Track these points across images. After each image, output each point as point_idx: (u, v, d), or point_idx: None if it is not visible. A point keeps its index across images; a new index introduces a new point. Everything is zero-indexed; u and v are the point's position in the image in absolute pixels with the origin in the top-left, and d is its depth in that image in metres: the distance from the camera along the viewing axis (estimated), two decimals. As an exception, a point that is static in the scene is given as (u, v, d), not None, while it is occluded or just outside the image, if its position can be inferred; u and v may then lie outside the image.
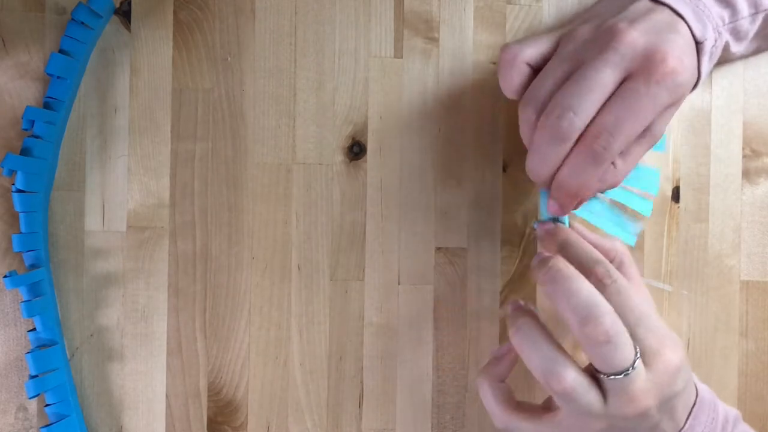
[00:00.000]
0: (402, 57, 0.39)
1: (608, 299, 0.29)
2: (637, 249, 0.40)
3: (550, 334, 0.30)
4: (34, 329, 0.36)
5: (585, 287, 0.29)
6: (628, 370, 0.28)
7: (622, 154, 0.31)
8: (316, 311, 0.39)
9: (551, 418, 0.31)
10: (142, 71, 0.38)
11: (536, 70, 0.32)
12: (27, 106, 0.35)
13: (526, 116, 0.31)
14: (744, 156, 0.40)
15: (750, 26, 0.35)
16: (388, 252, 0.39)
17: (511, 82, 0.32)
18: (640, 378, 0.29)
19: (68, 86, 0.36)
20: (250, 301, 0.39)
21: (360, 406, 0.39)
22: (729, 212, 0.40)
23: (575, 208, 0.33)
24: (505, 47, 0.32)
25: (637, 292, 0.32)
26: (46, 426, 0.36)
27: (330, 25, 0.39)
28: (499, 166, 0.39)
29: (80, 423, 0.37)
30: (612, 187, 0.32)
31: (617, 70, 0.29)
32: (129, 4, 0.38)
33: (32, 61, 0.37)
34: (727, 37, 0.34)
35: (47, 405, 0.36)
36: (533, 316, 0.31)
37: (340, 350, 0.39)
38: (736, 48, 0.36)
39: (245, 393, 0.38)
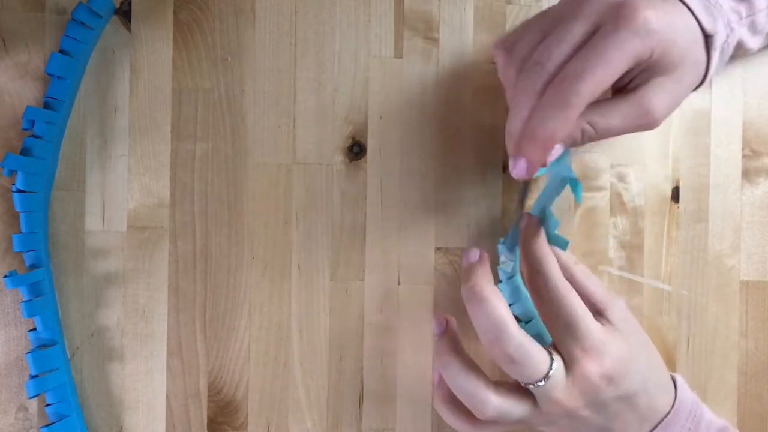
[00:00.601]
0: (402, 57, 0.39)
1: (540, 307, 0.32)
2: (636, 249, 0.40)
3: (469, 362, 0.33)
4: (34, 329, 0.36)
5: (496, 310, 0.31)
6: (540, 381, 0.31)
7: (599, 111, 0.31)
8: (316, 311, 0.39)
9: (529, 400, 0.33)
10: (142, 71, 0.38)
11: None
12: (27, 106, 0.35)
13: (507, 76, 0.32)
14: (744, 156, 0.40)
15: (766, 20, 0.34)
16: (388, 252, 0.39)
17: (504, 62, 0.32)
18: (559, 385, 0.31)
19: (68, 86, 0.36)
20: (250, 301, 0.39)
21: (360, 406, 0.39)
22: (729, 212, 0.40)
23: (543, 165, 0.31)
24: (494, 43, 0.33)
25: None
26: (47, 426, 0.36)
27: (330, 25, 0.39)
28: (499, 166, 0.39)
29: (80, 423, 0.37)
30: (582, 143, 0.32)
31: (587, 22, 0.29)
32: (129, 4, 0.38)
33: (32, 61, 0.37)
34: (742, 32, 0.34)
35: (47, 405, 0.36)
36: (454, 346, 0.33)
37: (340, 350, 0.39)
38: (753, 43, 0.35)
39: (245, 393, 0.38)
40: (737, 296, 0.40)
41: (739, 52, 0.35)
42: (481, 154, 0.39)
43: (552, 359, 0.31)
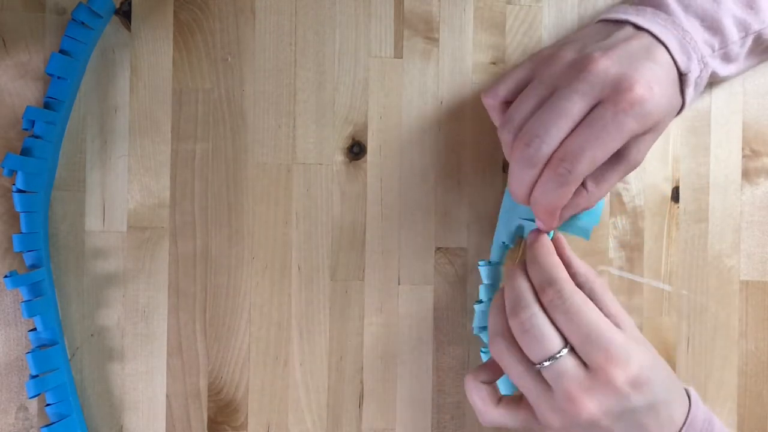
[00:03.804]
0: (402, 57, 0.39)
1: (555, 318, 0.31)
2: (636, 249, 0.40)
3: (481, 373, 0.34)
4: (34, 329, 0.36)
5: (518, 285, 0.33)
6: (550, 359, 0.31)
7: (595, 178, 0.33)
8: (316, 311, 0.39)
9: (529, 412, 0.33)
10: (142, 71, 0.38)
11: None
12: (27, 106, 0.35)
13: (504, 139, 0.33)
14: (744, 156, 0.40)
15: (740, 49, 0.35)
16: (388, 252, 0.39)
17: (498, 121, 0.35)
18: (569, 372, 0.31)
19: (68, 86, 0.36)
20: (250, 301, 0.39)
21: (360, 406, 0.39)
22: (729, 212, 0.40)
23: (557, 226, 0.34)
24: (484, 92, 0.35)
25: (596, 311, 0.32)
26: (47, 426, 0.36)
27: (330, 25, 0.39)
28: (499, 166, 0.39)
29: (80, 423, 0.37)
30: (586, 209, 0.34)
31: (586, 98, 0.31)
32: (129, 4, 0.38)
33: (32, 61, 0.37)
34: (715, 64, 0.35)
35: (48, 405, 0.36)
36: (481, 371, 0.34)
37: (340, 350, 0.39)
38: (727, 70, 0.36)
39: (245, 393, 0.38)
40: (737, 296, 0.40)
41: (715, 78, 0.37)
42: (481, 154, 0.39)
43: (566, 346, 0.31)
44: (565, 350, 0.31)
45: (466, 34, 0.39)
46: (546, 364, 0.31)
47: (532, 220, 0.36)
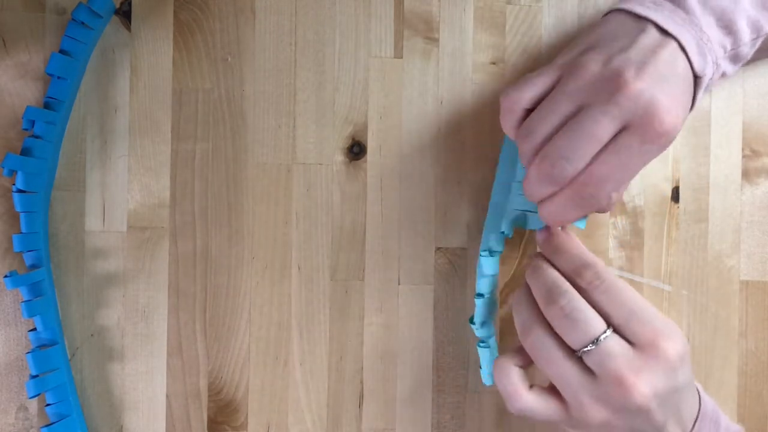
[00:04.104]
0: (402, 57, 0.39)
1: (597, 299, 0.31)
2: (636, 249, 0.40)
3: (515, 356, 0.33)
4: (34, 329, 0.36)
5: (549, 274, 0.32)
6: (593, 342, 0.30)
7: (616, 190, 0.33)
8: (316, 311, 0.39)
9: (559, 403, 0.32)
10: (142, 71, 0.38)
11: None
12: (27, 106, 0.35)
13: (523, 150, 0.32)
14: (744, 156, 0.40)
15: (749, 50, 0.35)
16: (388, 252, 0.39)
17: (513, 127, 0.33)
18: (616, 352, 0.30)
19: (68, 86, 0.36)
20: (250, 301, 0.39)
21: (360, 406, 0.39)
22: (729, 212, 0.40)
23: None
24: (505, 95, 0.33)
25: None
26: (47, 426, 0.36)
27: (330, 25, 0.39)
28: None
29: (80, 423, 0.37)
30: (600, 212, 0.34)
31: (615, 122, 0.30)
32: (129, 4, 0.38)
33: (32, 61, 0.37)
34: (725, 65, 0.34)
35: (48, 405, 0.36)
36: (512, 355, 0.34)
37: (340, 350, 0.39)
38: (731, 71, 0.35)
39: (245, 393, 0.38)
40: (737, 296, 0.40)
41: (720, 80, 0.36)
42: (481, 154, 0.39)
43: (608, 329, 0.30)
44: (609, 330, 0.30)
45: (466, 34, 0.39)
46: (589, 348, 0.30)
47: (533, 211, 0.35)
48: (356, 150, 0.39)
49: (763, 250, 0.40)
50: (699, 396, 0.33)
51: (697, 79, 0.32)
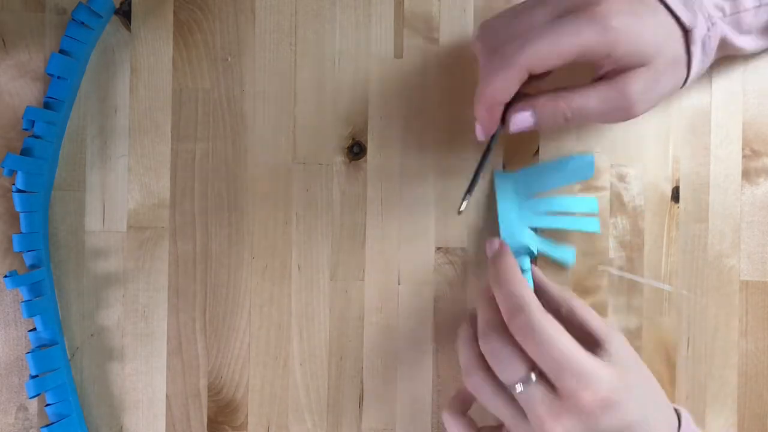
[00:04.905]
0: (402, 57, 0.39)
1: (525, 345, 0.31)
2: (636, 249, 0.40)
3: (455, 404, 0.35)
4: (34, 329, 0.36)
5: (487, 310, 0.33)
6: (521, 384, 0.31)
7: (576, 91, 0.32)
8: (316, 311, 0.39)
9: None
10: (142, 71, 0.38)
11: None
12: (27, 106, 0.35)
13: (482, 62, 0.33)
14: (744, 156, 0.40)
15: (753, 19, 0.34)
16: (388, 252, 0.39)
17: (491, 129, 0.34)
18: (537, 398, 0.31)
19: (68, 86, 0.36)
20: (250, 301, 0.39)
21: (360, 406, 0.39)
22: (729, 212, 0.40)
23: (502, 130, 0.34)
24: (480, 98, 0.33)
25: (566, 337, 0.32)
26: (47, 426, 0.36)
27: (330, 25, 0.39)
28: (499, 166, 0.39)
29: (80, 423, 0.37)
30: (560, 124, 0.33)
31: (553, 10, 0.31)
32: (129, 4, 0.38)
33: (32, 61, 0.37)
34: (725, 29, 0.34)
35: (47, 405, 0.36)
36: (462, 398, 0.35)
37: (340, 350, 0.39)
38: (743, 42, 0.35)
39: (245, 393, 0.38)
40: (737, 296, 0.40)
41: (730, 49, 0.35)
42: (480, 154, 0.39)
43: (532, 372, 0.31)
44: (534, 375, 0.31)
45: (466, 34, 0.39)
46: (518, 388, 0.31)
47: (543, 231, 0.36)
48: (356, 150, 0.39)
49: (763, 250, 0.40)
50: (679, 428, 0.33)
51: (687, 33, 0.32)
